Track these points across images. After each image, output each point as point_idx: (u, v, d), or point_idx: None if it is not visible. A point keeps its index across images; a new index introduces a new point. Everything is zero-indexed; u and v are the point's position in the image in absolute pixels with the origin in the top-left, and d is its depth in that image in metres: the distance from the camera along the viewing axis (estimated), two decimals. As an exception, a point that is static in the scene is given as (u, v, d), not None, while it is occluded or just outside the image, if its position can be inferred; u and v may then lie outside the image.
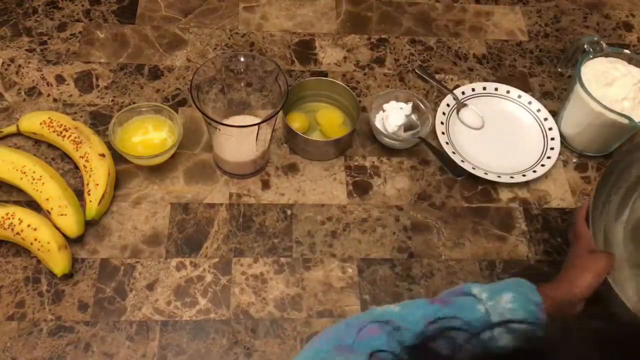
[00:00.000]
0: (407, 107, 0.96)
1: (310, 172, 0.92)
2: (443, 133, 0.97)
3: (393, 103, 0.96)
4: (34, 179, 0.82)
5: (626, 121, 0.88)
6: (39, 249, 0.78)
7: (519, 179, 0.93)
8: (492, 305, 0.58)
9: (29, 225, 0.79)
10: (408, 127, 0.95)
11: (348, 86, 0.96)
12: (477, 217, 0.91)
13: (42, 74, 0.98)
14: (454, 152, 0.94)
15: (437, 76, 1.05)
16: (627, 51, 0.95)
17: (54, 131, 0.87)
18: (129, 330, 0.77)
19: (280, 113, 0.86)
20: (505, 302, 0.59)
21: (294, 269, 0.83)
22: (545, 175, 0.96)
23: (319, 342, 0.56)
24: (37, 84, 0.97)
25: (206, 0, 1.11)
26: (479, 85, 1.03)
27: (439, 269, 0.86)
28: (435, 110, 0.99)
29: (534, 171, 0.94)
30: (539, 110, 1.01)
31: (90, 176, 0.85)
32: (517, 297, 0.59)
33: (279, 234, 0.86)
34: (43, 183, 0.82)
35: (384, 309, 0.59)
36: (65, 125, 0.87)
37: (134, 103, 0.95)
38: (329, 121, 0.96)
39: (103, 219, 0.85)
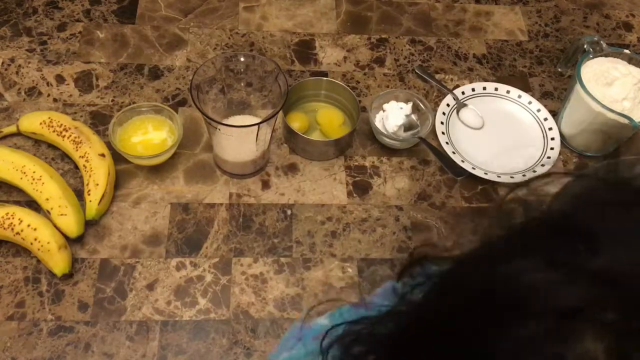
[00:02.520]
0: (407, 107, 0.96)
1: (310, 172, 0.92)
2: (443, 133, 0.97)
3: (393, 103, 0.96)
4: (34, 179, 0.82)
5: (626, 121, 0.88)
6: (39, 249, 0.78)
7: (519, 179, 0.93)
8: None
9: (29, 225, 0.79)
10: (408, 127, 0.95)
11: (348, 86, 0.96)
12: (477, 217, 0.91)
13: (42, 74, 0.98)
14: (454, 152, 0.94)
15: (437, 76, 1.05)
16: (627, 51, 0.95)
17: (54, 131, 0.87)
18: (129, 330, 0.77)
19: (280, 113, 0.86)
20: None
21: (294, 269, 0.84)
22: (545, 175, 0.96)
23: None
24: (37, 84, 0.97)
25: (206, 0, 1.11)
26: (479, 85, 1.03)
27: (439, 269, 0.86)
28: (435, 110, 0.99)
29: (534, 171, 0.94)
30: (539, 110, 1.01)
31: (90, 176, 0.85)
32: None
33: (279, 234, 0.86)
34: (43, 183, 0.82)
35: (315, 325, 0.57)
36: (65, 125, 0.87)
37: (134, 103, 0.95)
38: (329, 121, 0.96)
39: (103, 219, 0.85)
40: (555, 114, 1.01)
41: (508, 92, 1.03)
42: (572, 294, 0.29)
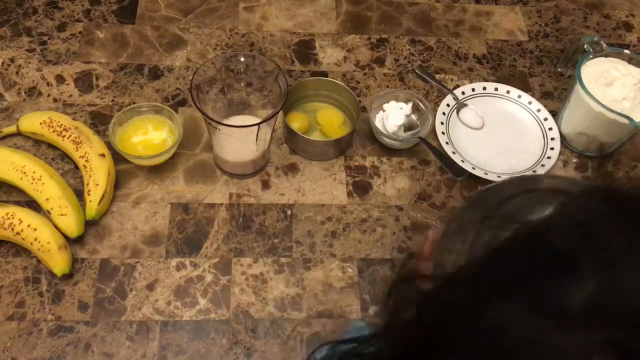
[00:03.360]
0: (407, 107, 0.96)
1: (310, 172, 0.92)
2: (443, 133, 0.97)
3: (393, 103, 0.96)
4: (34, 179, 0.82)
5: (626, 121, 0.88)
6: (39, 249, 0.78)
7: (519, 179, 0.93)
8: None
9: (29, 225, 0.79)
10: (408, 127, 0.95)
11: (348, 86, 0.96)
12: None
13: (42, 74, 0.98)
14: (454, 152, 0.94)
15: (437, 76, 1.05)
16: (627, 51, 0.95)
17: (54, 131, 0.87)
18: (129, 330, 0.77)
19: (280, 113, 0.86)
20: None
21: (294, 269, 0.83)
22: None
23: None
24: (37, 84, 0.97)
25: (206, 0, 1.11)
26: (479, 85, 1.03)
27: (439, 269, 0.85)
28: (435, 110, 0.99)
29: (534, 171, 0.94)
30: (539, 110, 1.01)
31: (90, 176, 0.85)
32: None
33: (279, 234, 0.86)
34: (43, 183, 0.82)
35: None
36: (65, 125, 0.87)
37: (134, 103, 0.95)
38: (329, 121, 0.96)
39: (103, 219, 0.85)
40: (555, 114, 1.01)
41: (508, 92, 1.03)
42: (572, 344, 0.26)
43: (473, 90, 1.03)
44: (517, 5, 1.18)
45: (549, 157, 0.96)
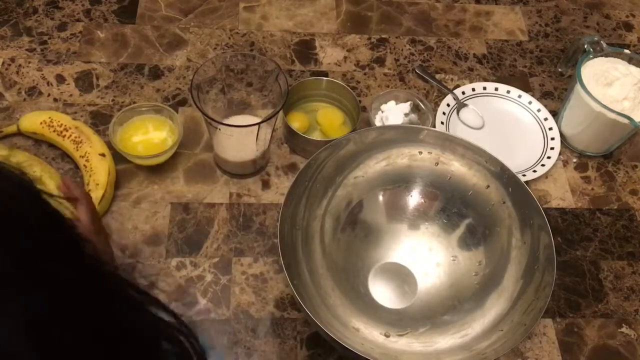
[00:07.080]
0: (407, 107, 0.96)
1: (310, 172, 0.92)
2: (443, 133, 0.97)
3: (393, 103, 0.96)
4: (34, 179, 0.82)
5: (626, 121, 0.88)
6: (39, 249, 0.78)
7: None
8: None
9: (29, 225, 0.78)
10: (408, 127, 0.95)
11: (348, 86, 0.96)
12: (477, 217, 0.91)
13: (43, 74, 0.98)
14: (454, 152, 0.94)
15: (437, 76, 1.05)
16: (627, 51, 0.95)
17: (54, 131, 0.87)
18: (129, 330, 0.77)
19: (280, 113, 0.86)
20: None
21: (294, 268, 0.83)
22: (546, 175, 0.96)
23: None
24: (37, 84, 0.97)
25: (206, 0, 1.11)
26: (479, 85, 1.03)
27: (439, 268, 0.85)
28: (436, 110, 0.99)
29: (534, 171, 0.94)
30: (539, 110, 1.01)
31: (90, 176, 0.85)
32: None
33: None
34: (43, 183, 0.82)
35: None
36: (65, 125, 0.87)
37: (134, 103, 0.95)
38: (329, 121, 0.96)
39: (103, 219, 0.85)
40: (555, 114, 1.01)
41: (508, 92, 1.03)
42: None
43: (473, 90, 1.03)
44: (517, 5, 1.18)
45: (549, 157, 0.96)
